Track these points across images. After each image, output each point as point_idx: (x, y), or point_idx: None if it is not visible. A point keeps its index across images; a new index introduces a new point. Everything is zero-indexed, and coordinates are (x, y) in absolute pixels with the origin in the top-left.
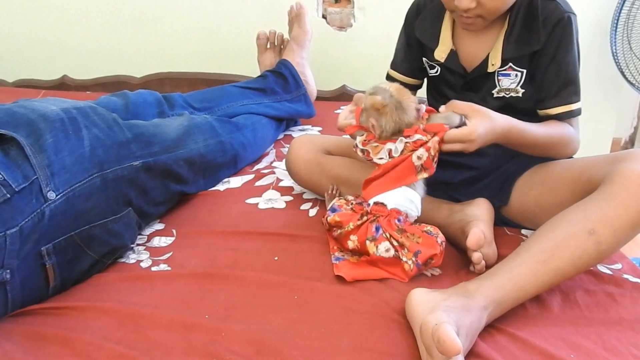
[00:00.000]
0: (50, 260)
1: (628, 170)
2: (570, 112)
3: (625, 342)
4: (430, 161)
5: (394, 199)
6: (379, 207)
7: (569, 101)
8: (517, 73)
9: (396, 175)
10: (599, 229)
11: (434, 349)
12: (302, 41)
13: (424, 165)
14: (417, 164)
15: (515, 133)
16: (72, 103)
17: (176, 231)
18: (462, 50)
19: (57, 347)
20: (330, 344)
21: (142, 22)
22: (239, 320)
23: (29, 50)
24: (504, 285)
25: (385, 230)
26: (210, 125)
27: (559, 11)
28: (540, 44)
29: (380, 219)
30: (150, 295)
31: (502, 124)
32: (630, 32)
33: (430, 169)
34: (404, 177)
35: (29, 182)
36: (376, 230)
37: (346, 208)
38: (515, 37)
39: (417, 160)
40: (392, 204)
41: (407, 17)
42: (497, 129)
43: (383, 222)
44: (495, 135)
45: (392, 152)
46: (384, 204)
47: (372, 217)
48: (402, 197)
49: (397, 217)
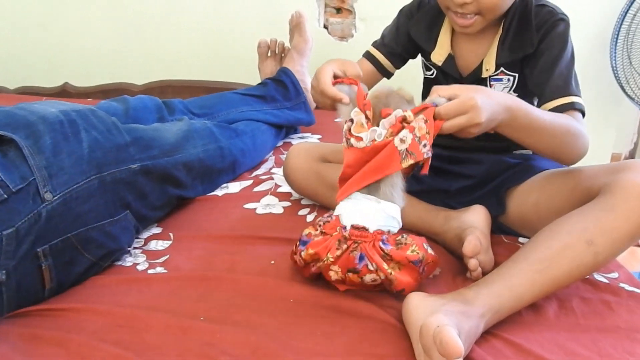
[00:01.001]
0: (47, 261)
1: (628, 181)
2: (571, 103)
3: (621, 349)
4: (417, 144)
5: (375, 220)
6: (360, 232)
7: (568, 93)
8: (509, 77)
9: (377, 164)
10: (597, 239)
11: (434, 351)
12: (303, 50)
13: (409, 149)
14: (400, 148)
15: (519, 109)
16: (72, 106)
17: (173, 235)
18: (459, 55)
19: (52, 348)
20: (326, 347)
21: (144, 30)
22: (235, 322)
23: (31, 57)
24: (501, 293)
25: (371, 260)
26: (210, 130)
27: (551, 15)
28: (533, 47)
29: (363, 245)
30: (146, 297)
31: (502, 96)
32: (630, 47)
33: (417, 154)
34: (387, 166)
35: (27, 183)
36: (359, 259)
37: (315, 234)
38: (509, 42)
39: (401, 144)
40: (374, 227)
41: (405, 10)
42: (499, 100)
43: (367, 249)
44: (499, 106)
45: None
46: (366, 228)
47: (352, 244)
48: (382, 217)
49: (381, 239)
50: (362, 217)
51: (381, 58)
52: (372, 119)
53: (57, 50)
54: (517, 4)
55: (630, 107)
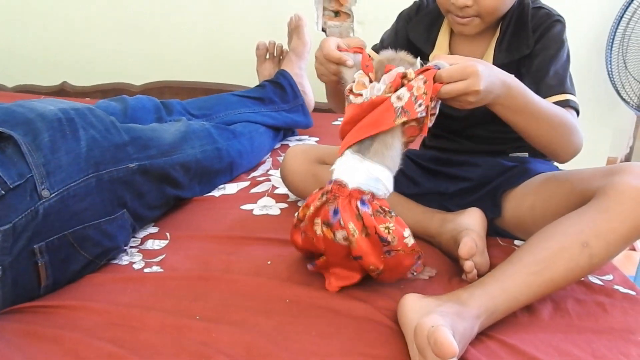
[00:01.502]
0: (43, 258)
1: (623, 184)
2: (566, 101)
3: (615, 350)
4: (412, 103)
5: (355, 177)
6: (339, 187)
7: (563, 90)
8: None
9: (372, 119)
10: (592, 242)
11: (429, 351)
12: (301, 52)
13: (405, 107)
14: (396, 105)
15: (517, 87)
16: (70, 104)
17: (170, 234)
18: None
19: (47, 345)
20: (321, 347)
21: (144, 30)
22: (230, 322)
23: (30, 56)
24: (496, 295)
25: (342, 216)
26: (208, 131)
27: (548, 17)
28: (529, 48)
29: (340, 199)
30: (142, 296)
31: (502, 72)
32: (625, 51)
33: (411, 112)
34: (381, 121)
35: (24, 180)
36: (334, 214)
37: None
38: (506, 44)
39: (397, 101)
40: (353, 184)
41: (404, 14)
42: (498, 74)
43: (342, 204)
44: (498, 79)
45: (374, 92)
46: (344, 183)
47: (331, 197)
48: (364, 176)
49: (360, 198)
50: (345, 173)
51: None
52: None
53: (56, 49)
54: (515, 7)
55: (625, 111)
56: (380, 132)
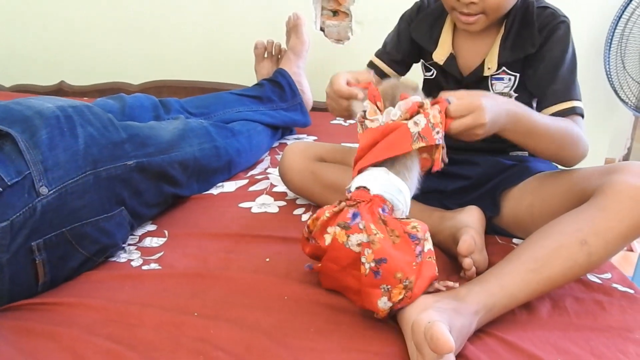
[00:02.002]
0: (41, 255)
1: (621, 183)
2: (572, 108)
3: (613, 348)
4: (430, 129)
5: (380, 183)
6: (361, 192)
7: (570, 97)
8: (510, 77)
9: (388, 143)
10: (591, 240)
11: (426, 347)
12: (299, 51)
13: (422, 133)
14: (413, 130)
15: (522, 114)
16: (68, 102)
17: (168, 232)
18: (460, 55)
19: (44, 341)
20: (320, 343)
21: (142, 31)
22: (229, 319)
23: (27, 55)
24: (494, 291)
25: (363, 218)
26: (206, 129)
27: (554, 17)
28: (535, 47)
29: (361, 204)
30: (140, 293)
31: (506, 101)
32: (624, 52)
33: (429, 138)
34: (397, 145)
35: (22, 177)
36: (353, 217)
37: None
38: (511, 41)
39: (414, 127)
40: (376, 189)
41: (406, 14)
42: (503, 104)
43: (363, 209)
44: (503, 110)
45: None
46: (367, 188)
47: (351, 202)
48: (388, 183)
49: (382, 206)
50: (368, 180)
51: (384, 67)
52: (383, 110)
53: (54, 48)
54: (519, 5)
55: (624, 111)
56: (400, 156)
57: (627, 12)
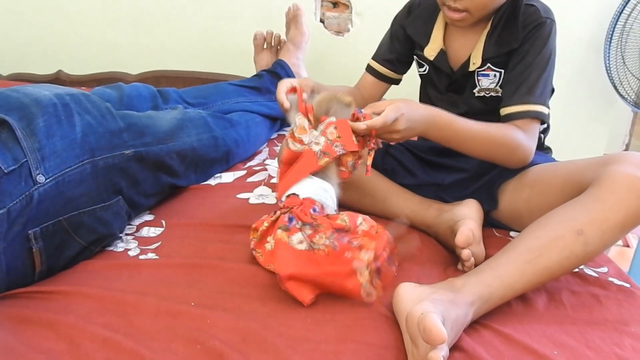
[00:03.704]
0: (37, 244)
1: (617, 173)
2: (527, 112)
3: (609, 341)
4: (330, 146)
5: (306, 188)
6: (291, 199)
7: (526, 101)
8: (495, 73)
9: (299, 167)
10: (587, 230)
11: (419, 338)
12: (299, 42)
13: (323, 150)
14: (316, 149)
15: (443, 121)
16: (65, 89)
17: (166, 222)
18: (451, 50)
19: (41, 329)
20: (316, 333)
21: (140, 20)
22: (226, 308)
23: (25, 44)
24: (491, 282)
25: (298, 219)
26: (204, 120)
27: (537, 15)
28: (518, 42)
29: (294, 209)
30: (137, 282)
31: (426, 109)
32: (624, 47)
33: (330, 153)
34: (307, 166)
35: (19, 165)
36: (289, 220)
37: (265, 217)
38: (496, 37)
39: (316, 146)
40: (304, 194)
41: (398, 15)
42: (421, 111)
43: (296, 212)
44: (419, 115)
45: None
46: (296, 194)
47: (285, 209)
48: (314, 186)
49: (312, 207)
50: (295, 188)
51: (381, 68)
52: (314, 122)
53: (51, 37)
54: (509, 2)
55: (623, 107)
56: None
57: (628, 7)
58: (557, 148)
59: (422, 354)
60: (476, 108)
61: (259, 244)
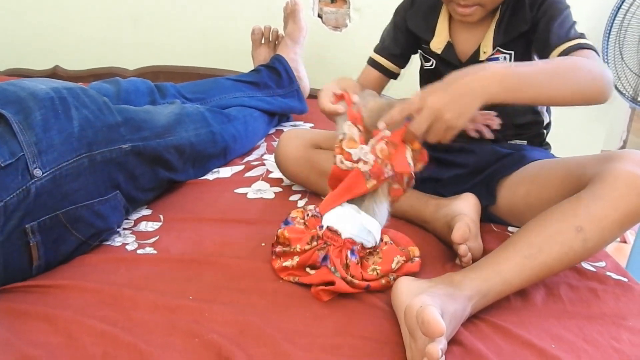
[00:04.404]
0: (35, 238)
1: (618, 170)
2: (577, 44)
3: (607, 335)
4: (379, 167)
5: (350, 228)
6: (333, 235)
7: (570, 37)
8: (505, 56)
9: (346, 186)
10: (586, 226)
11: (418, 331)
12: (297, 37)
13: (371, 172)
14: (364, 169)
15: (504, 68)
16: (63, 83)
17: (163, 217)
18: (458, 42)
19: (38, 323)
20: (314, 327)
21: (138, 16)
22: (224, 302)
23: (22, 39)
24: (489, 277)
25: (332, 264)
26: (202, 115)
27: None
28: (527, 24)
29: (331, 248)
30: (135, 276)
31: (474, 69)
32: (622, 42)
33: (379, 176)
34: (354, 188)
35: (16, 159)
36: (323, 259)
37: (299, 222)
38: (505, 25)
39: (364, 166)
40: (347, 233)
41: (399, 8)
42: (465, 76)
43: (333, 253)
44: (469, 80)
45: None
46: (339, 233)
47: (322, 243)
48: (358, 227)
49: (351, 248)
50: (339, 222)
51: (384, 62)
52: (364, 132)
53: (49, 32)
54: None
55: (621, 103)
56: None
57: (626, 3)
58: (554, 144)
59: (421, 347)
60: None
61: (298, 271)
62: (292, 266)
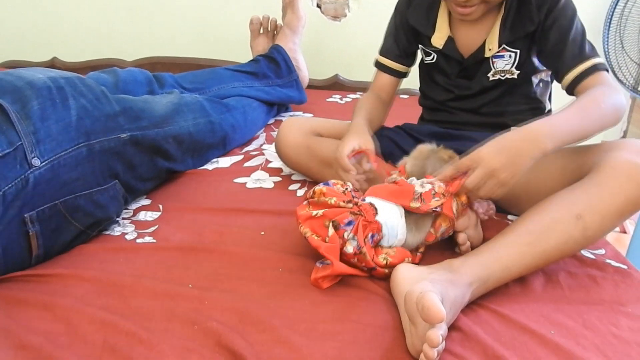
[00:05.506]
0: (34, 228)
1: (618, 159)
2: (593, 67)
3: (606, 321)
4: (430, 195)
5: (387, 213)
6: (370, 209)
7: (586, 57)
8: (510, 54)
9: (397, 189)
10: (586, 214)
11: (418, 317)
12: (295, 27)
13: (423, 195)
14: (417, 190)
15: (550, 125)
16: (60, 73)
17: (163, 206)
18: (459, 37)
19: (38, 311)
20: (313, 314)
21: (135, 7)
22: (223, 290)
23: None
24: (489, 264)
25: (354, 232)
26: (201, 104)
27: None
28: (534, 24)
29: (360, 218)
30: (134, 265)
31: (522, 129)
32: (623, 32)
33: (426, 200)
34: (400, 195)
35: (14, 148)
36: (348, 224)
37: (339, 188)
38: (511, 22)
39: (420, 188)
40: (382, 218)
41: (399, 4)
42: (518, 134)
43: (360, 222)
44: (526, 139)
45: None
46: (376, 210)
47: (356, 209)
48: (395, 222)
49: (374, 232)
50: (382, 206)
51: (392, 64)
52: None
53: (46, 24)
54: None
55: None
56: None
57: None
58: None
59: (421, 332)
60: (487, 87)
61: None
62: (317, 215)
